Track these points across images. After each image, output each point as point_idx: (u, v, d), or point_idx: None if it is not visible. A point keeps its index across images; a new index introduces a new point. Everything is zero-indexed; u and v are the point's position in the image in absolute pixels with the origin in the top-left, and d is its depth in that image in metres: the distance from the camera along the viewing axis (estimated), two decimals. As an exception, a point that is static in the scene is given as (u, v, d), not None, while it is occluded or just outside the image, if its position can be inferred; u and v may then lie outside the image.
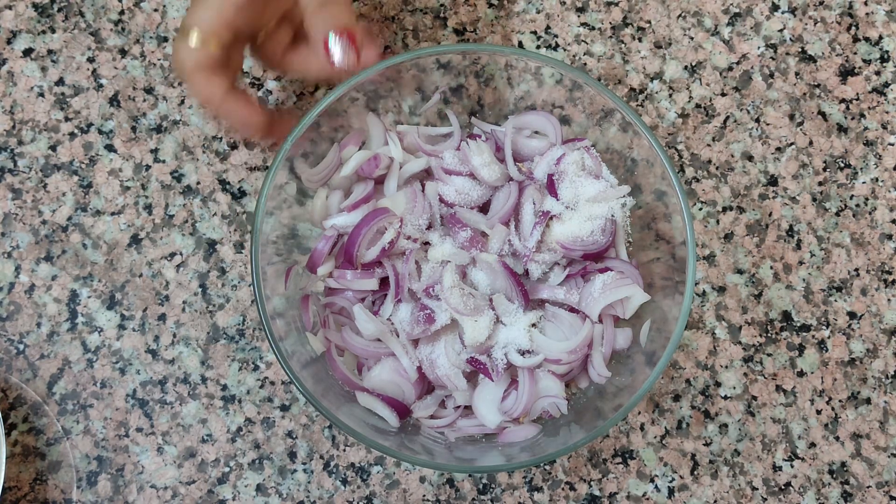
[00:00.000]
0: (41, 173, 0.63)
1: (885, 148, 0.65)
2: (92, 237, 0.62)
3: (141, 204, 0.63)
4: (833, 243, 0.64)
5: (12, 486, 0.59)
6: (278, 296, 0.55)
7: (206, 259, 0.62)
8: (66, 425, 0.60)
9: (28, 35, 0.65)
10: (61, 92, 0.64)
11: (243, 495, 0.60)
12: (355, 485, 0.60)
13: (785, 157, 0.65)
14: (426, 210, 0.56)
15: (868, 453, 0.61)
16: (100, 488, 0.60)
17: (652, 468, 0.61)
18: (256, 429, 0.61)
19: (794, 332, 0.63)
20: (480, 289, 0.55)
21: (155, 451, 0.60)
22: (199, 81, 0.52)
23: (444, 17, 0.66)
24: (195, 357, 0.61)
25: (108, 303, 0.62)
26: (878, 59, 0.66)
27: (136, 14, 0.65)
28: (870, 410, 0.62)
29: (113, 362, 0.61)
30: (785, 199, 0.64)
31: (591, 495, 0.60)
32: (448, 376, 0.55)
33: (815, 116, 0.65)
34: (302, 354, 0.54)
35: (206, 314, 0.62)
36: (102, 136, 0.64)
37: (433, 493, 0.60)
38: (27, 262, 0.62)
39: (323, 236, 0.57)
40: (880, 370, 0.62)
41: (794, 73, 0.66)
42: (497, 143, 0.59)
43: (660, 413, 0.61)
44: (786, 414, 0.62)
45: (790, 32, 0.66)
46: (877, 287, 0.63)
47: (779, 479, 0.61)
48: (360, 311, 0.55)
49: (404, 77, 0.56)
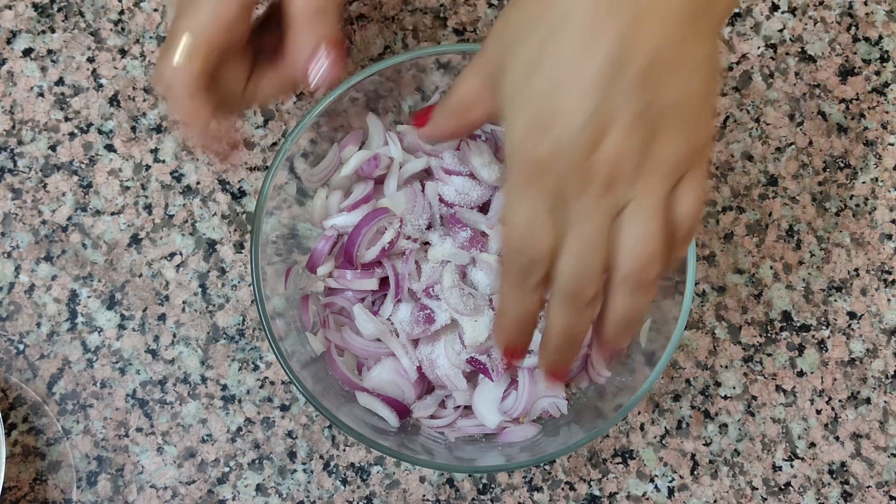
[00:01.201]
0: (41, 173, 0.63)
1: (885, 148, 0.65)
2: (92, 237, 0.62)
3: (141, 204, 0.63)
4: (833, 243, 0.64)
5: (12, 486, 0.59)
6: (278, 296, 0.55)
7: (206, 259, 0.62)
8: (66, 425, 0.60)
9: (28, 35, 0.65)
10: (61, 92, 0.64)
11: (243, 495, 0.60)
12: (355, 485, 0.60)
13: (785, 157, 0.65)
14: (426, 210, 0.56)
15: (868, 453, 0.61)
16: (100, 488, 0.60)
17: (652, 468, 0.61)
18: (256, 429, 0.61)
19: (794, 332, 0.63)
20: (480, 289, 0.55)
21: (155, 451, 0.60)
22: (181, 101, 0.47)
23: (444, 17, 0.66)
24: (195, 357, 0.61)
25: (108, 303, 0.62)
26: (878, 59, 0.66)
27: (135, 14, 0.65)
28: (870, 410, 0.62)
29: (113, 362, 0.61)
30: (785, 199, 0.64)
31: (590, 495, 0.60)
32: (448, 376, 0.55)
33: (815, 116, 0.65)
34: (302, 354, 0.55)
35: (206, 314, 0.62)
36: (102, 136, 0.64)
37: (433, 493, 0.60)
38: (27, 262, 0.62)
39: (323, 236, 0.57)
40: (880, 370, 0.62)
41: (794, 73, 0.66)
42: (497, 143, 0.59)
43: (660, 413, 0.61)
44: (786, 414, 0.62)
45: (790, 32, 0.66)
46: (877, 287, 0.63)
47: (779, 479, 0.61)
48: (360, 311, 0.55)
49: (404, 77, 0.56)
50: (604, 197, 0.40)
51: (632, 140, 0.39)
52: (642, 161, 0.40)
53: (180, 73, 0.46)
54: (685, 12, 0.39)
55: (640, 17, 0.39)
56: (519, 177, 0.41)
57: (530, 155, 0.40)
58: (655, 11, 0.39)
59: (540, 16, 0.40)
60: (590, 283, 0.41)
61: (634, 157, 0.40)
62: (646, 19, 0.39)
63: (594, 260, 0.41)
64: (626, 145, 0.39)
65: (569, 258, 0.41)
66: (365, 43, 0.65)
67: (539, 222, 0.41)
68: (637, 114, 0.39)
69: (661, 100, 0.39)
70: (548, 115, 0.39)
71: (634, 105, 0.39)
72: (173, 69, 0.46)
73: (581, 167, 0.39)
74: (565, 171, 0.40)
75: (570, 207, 0.40)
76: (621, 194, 0.40)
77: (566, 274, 0.41)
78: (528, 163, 0.40)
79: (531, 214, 0.41)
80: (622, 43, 0.39)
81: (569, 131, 0.39)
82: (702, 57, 0.40)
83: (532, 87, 0.40)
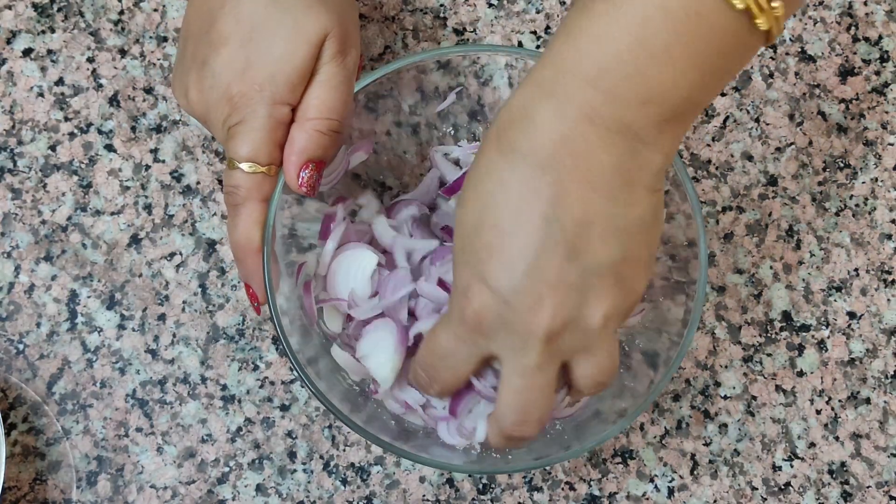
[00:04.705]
0: (41, 173, 0.63)
1: (884, 148, 0.65)
2: (92, 237, 0.62)
3: (141, 204, 0.63)
4: (833, 243, 0.64)
5: (12, 486, 0.59)
6: (280, 296, 0.55)
7: (205, 259, 0.62)
8: (66, 425, 0.60)
9: (28, 35, 0.65)
10: (61, 92, 0.64)
11: (243, 495, 0.60)
12: (355, 485, 0.60)
13: (785, 157, 0.65)
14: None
15: (868, 453, 0.61)
16: (99, 488, 0.60)
17: (652, 468, 0.61)
18: (256, 429, 0.61)
19: (794, 332, 0.63)
20: None
21: (155, 451, 0.60)
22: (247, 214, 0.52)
23: (444, 17, 0.66)
24: (195, 357, 0.61)
25: (108, 303, 0.62)
26: (878, 59, 0.66)
27: (135, 14, 0.65)
28: (870, 410, 0.62)
29: (113, 362, 0.61)
30: (785, 199, 0.64)
31: (590, 495, 0.60)
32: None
33: (814, 116, 0.65)
34: (304, 353, 0.54)
35: (206, 314, 0.62)
36: (102, 136, 0.64)
37: (433, 493, 0.60)
38: (27, 262, 0.62)
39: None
40: (880, 370, 0.62)
41: (794, 72, 0.66)
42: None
43: (659, 413, 0.61)
44: (785, 414, 0.62)
45: (790, 32, 0.66)
46: (877, 287, 0.63)
47: (778, 479, 0.61)
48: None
49: (404, 77, 0.56)
50: (546, 352, 0.43)
51: (568, 306, 0.42)
52: (581, 321, 0.42)
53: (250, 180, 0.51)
54: (615, 173, 0.41)
55: (568, 181, 0.41)
56: (455, 315, 0.44)
57: (468, 303, 0.43)
58: (584, 174, 0.40)
59: (481, 179, 0.43)
60: (531, 427, 0.45)
61: (573, 320, 0.42)
62: (575, 182, 0.41)
63: (538, 411, 0.44)
64: (561, 311, 0.42)
65: (513, 405, 0.44)
66: (365, 43, 0.65)
67: (456, 358, 0.45)
68: (569, 281, 0.41)
69: (595, 263, 0.41)
70: (490, 269, 0.42)
71: (567, 272, 0.41)
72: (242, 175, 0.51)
73: (518, 325, 0.42)
74: (502, 324, 0.42)
75: (507, 358, 0.43)
76: (564, 348, 0.43)
77: (509, 419, 0.45)
78: (465, 309, 0.43)
79: (452, 348, 0.45)
80: (553, 205, 0.41)
81: (507, 289, 0.42)
82: (634, 217, 0.42)
83: (480, 239, 0.42)
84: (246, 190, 0.51)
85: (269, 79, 0.50)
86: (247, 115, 0.50)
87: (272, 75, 0.50)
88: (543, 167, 0.41)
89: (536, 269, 0.41)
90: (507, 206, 0.42)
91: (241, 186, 0.51)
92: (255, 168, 0.50)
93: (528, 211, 0.41)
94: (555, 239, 0.41)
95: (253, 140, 0.50)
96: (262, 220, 0.52)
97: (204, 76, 0.51)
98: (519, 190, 0.41)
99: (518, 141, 0.41)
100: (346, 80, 0.51)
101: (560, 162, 0.40)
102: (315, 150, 0.51)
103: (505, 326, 0.42)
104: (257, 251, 0.51)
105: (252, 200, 0.51)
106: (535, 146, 0.41)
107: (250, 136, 0.50)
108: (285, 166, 0.51)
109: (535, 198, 0.41)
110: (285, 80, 0.50)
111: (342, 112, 0.51)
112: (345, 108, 0.52)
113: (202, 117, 0.52)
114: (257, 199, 0.51)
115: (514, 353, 0.43)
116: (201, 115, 0.52)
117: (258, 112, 0.50)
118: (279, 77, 0.50)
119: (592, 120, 0.40)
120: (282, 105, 0.50)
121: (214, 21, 0.51)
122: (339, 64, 0.51)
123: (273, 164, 0.51)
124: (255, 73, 0.50)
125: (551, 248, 0.41)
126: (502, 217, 0.42)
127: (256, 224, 0.51)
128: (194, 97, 0.51)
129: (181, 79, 0.52)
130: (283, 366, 0.61)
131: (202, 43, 0.51)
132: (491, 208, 0.42)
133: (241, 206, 0.51)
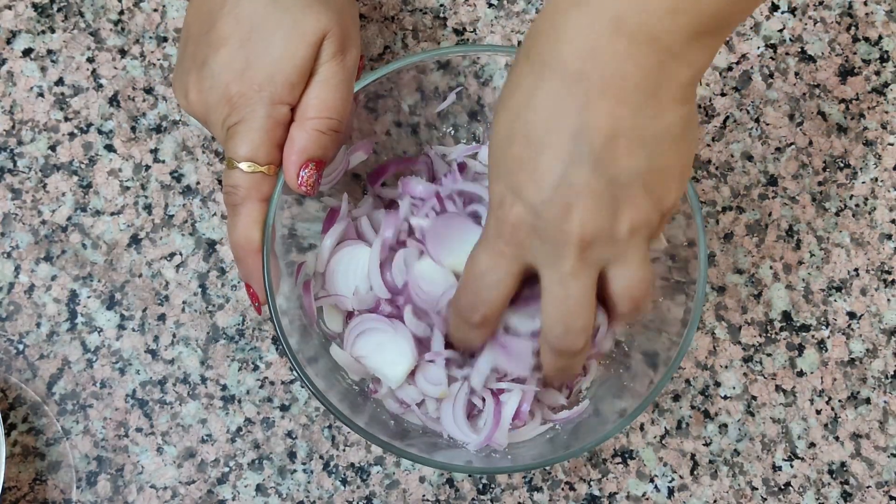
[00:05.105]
0: (41, 173, 0.63)
1: (884, 148, 0.65)
2: (91, 237, 0.62)
3: (140, 204, 0.63)
4: (833, 243, 0.64)
5: (12, 486, 0.59)
6: (280, 295, 0.55)
7: (205, 259, 0.62)
8: (66, 425, 0.60)
9: (28, 35, 0.65)
10: (61, 92, 0.64)
11: (243, 495, 0.60)
12: (355, 485, 0.60)
13: (785, 157, 0.65)
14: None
15: (868, 453, 0.61)
16: (99, 488, 0.60)
17: (651, 468, 0.61)
18: (256, 429, 0.61)
19: (794, 332, 0.63)
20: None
21: (154, 452, 0.60)
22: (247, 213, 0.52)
23: (444, 17, 0.66)
24: (195, 357, 0.61)
25: (108, 303, 0.62)
26: (878, 59, 0.66)
27: (135, 14, 0.65)
28: (869, 410, 0.62)
29: (112, 362, 0.61)
30: (785, 199, 0.64)
31: (590, 495, 0.60)
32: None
33: (814, 116, 0.65)
34: (304, 353, 0.54)
35: (206, 314, 0.62)
36: (102, 136, 0.64)
37: (433, 493, 0.60)
38: (27, 262, 0.62)
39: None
40: (880, 370, 0.62)
41: (794, 73, 0.66)
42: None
43: (659, 413, 0.61)
44: (785, 414, 0.62)
45: (790, 32, 0.66)
46: (876, 287, 0.63)
47: (778, 479, 0.61)
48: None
49: (404, 77, 0.56)
50: (581, 259, 0.43)
51: (597, 214, 0.42)
52: (610, 230, 0.43)
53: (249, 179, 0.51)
54: (641, 85, 0.42)
55: (596, 94, 0.41)
56: (491, 231, 0.45)
57: (504, 215, 0.44)
58: (611, 87, 0.41)
59: (512, 92, 0.44)
60: (577, 337, 0.45)
61: (603, 229, 0.43)
62: (602, 96, 0.41)
63: (581, 319, 0.45)
64: (591, 219, 0.42)
65: (556, 316, 0.45)
66: (365, 43, 0.65)
67: (497, 273, 0.46)
68: (598, 191, 0.42)
69: (621, 173, 0.42)
70: (522, 181, 0.43)
71: (595, 182, 0.42)
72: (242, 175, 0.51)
73: (552, 234, 0.43)
74: (536, 234, 0.43)
75: (545, 268, 0.44)
76: (597, 257, 0.44)
77: (555, 331, 0.45)
78: (501, 221, 0.44)
79: (493, 264, 0.45)
80: (581, 119, 0.42)
81: (538, 200, 0.43)
82: (661, 127, 0.42)
83: (511, 151, 0.43)
84: (245, 190, 0.51)
85: (268, 79, 0.50)
86: (246, 114, 0.50)
87: (271, 75, 0.50)
88: (572, 81, 0.42)
89: (565, 182, 0.42)
90: (537, 119, 0.43)
91: (240, 186, 0.51)
92: (253, 167, 0.50)
93: (557, 125, 0.42)
94: (582, 152, 0.42)
95: (252, 140, 0.50)
96: (261, 220, 0.52)
97: (203, 77, 0.51)
98: (548, 103, 0.42)
99: (547, 53, 0.42)
100: (345, 79, 0.51)
101: (587, 76, 0.41)
102: (315, 149, 0.51)
103: (539, 236, 0.43)
104: (257, 251, 0.52)
105: (251, 200, 0.51)
106: (564, 58, 0.42)
107: (249, 135, 0.50)
108: (285, 166, 0.51)
109: (563, 112, 0.42)
110: (284, 80, 0.50)
111: (342, 111, 0.52)
112: (344, 108, 0.52)
113: (202, 118, 0.52)
114: (256, 198, 0.51)
115: (550, 262, 0.44)
116: (201, 116, 0.52)
117: (257, 112, 0.50)
118: (278, 77, 0.50)
119: (620, 29, 0.41)
120: (281, 105, 0.50)
121: (214, 22, 0.51)
122: (339, 63, 0.51)
123: (272, 163, 0.51)
124: (254, 74, 0.50)
125: (578, 161, 0.42)
126: (532, 130, 0.43)
127: (256, 224, 0.51)
128: (194, 97, 0.51)
129: (181, 79, 0.52)
130: (283, 366, 0.61)
131: (202, 43, 0.51)
132: (521, 120, 0.43)
133: (240, 205, 0.51)
